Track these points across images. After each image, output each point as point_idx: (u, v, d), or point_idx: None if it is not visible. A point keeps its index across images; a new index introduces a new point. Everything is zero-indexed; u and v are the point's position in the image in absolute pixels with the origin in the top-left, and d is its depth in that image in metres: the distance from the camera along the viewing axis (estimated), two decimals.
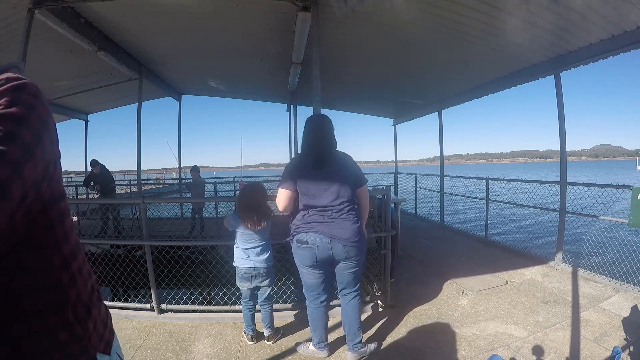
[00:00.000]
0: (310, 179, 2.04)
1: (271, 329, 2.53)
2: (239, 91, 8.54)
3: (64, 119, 9.08)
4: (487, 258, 4.54)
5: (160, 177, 28.53)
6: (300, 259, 2.14)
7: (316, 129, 2.16)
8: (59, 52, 4.75)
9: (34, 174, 0.52)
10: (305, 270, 2.16)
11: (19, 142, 0.49)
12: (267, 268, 2.42)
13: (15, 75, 0.55)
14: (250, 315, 2.50)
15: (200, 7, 3.78)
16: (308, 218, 2.07)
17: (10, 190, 0.46)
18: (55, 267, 0.60)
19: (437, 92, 6.67)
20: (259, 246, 2.41)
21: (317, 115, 2.47)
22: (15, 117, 0.50)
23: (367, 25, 3.83)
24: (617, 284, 3.39)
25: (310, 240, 2.05)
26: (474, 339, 2.52)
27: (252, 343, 2.50)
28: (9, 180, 0.46)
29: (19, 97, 0.52)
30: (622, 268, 3.54)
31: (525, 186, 5.39)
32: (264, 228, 2.41)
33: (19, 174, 0.48)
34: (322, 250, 2.04)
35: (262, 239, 2.42)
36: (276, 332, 2.58)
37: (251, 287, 2.43)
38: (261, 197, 2.45)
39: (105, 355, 0.69)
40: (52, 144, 0.57)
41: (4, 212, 0.46)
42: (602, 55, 3.46)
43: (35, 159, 0.52)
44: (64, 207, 0.64)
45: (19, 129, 0.50)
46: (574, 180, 4.21)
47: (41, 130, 0.54)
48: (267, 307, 2.50)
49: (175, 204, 8.52)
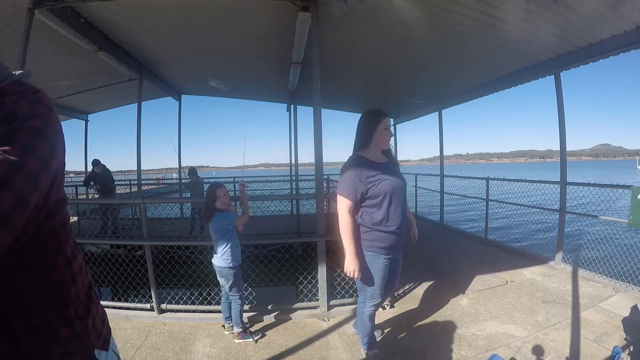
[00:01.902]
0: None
1: (237, 327, 2.57)
2: (239, 91, 8.54)
3: (64, 119, 9.06)
4: (487, 258, 4.54)
5: (160, 177, 28.54)
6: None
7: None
8: (59, 52, 4.74)
9: (47, 185, 0.55)
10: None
11: (36, 154, 0.52)
12: (227, 268, 2.46)
13: (31, 87, 0.57)
14: (224, 304, 2.66)
15: (200, 7, 3.77)
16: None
17: (28, 200, 0.49)
18: (58, 268, 0.63)
19: (437, 92, 6.67)
20: (219, 244, 2.46)
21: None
22: (33, 130, 0.53)
23: (367, 25, 3.82)
24: (617, 284, 3.39)
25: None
26: (474, 338, 2.52)
27: (226, 332, 2.65)
28: (28, 192, 0.49)
29: (36, 110, 0.55)
30: (622, 268, 3.54)
31: (525, 186, 5.39)
32: (216, 225, 2.45)
33: (37, 186, 0.51)
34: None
35: (217, 236, 2.46)
36: (245, 333, 2.58)
37: (221, 282, 2.55)
38: (208, 197, 2.48)
39: (102, 351, 0.71)
40: (62, 153, 0.60)
41: (21, 220, 0.48)
42: (602, 55, 3.46)
43: (49, 170, 0.55)
44: (66, 211, 0.67)
45: (37, 142, 0.53)
46: (574, 180, 4.21)
47: (55, 141, 0.57)
48: (233, 303, 2.57)
49: (175, 204, 8.53)
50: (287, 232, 6.30)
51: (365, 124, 2.10)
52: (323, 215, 3.08)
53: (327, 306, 3.01)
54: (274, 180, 10.71)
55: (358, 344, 2.49)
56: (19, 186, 0.48)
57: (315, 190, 3.14)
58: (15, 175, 0.47)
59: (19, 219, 0.47)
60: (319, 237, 2.99)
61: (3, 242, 0.45)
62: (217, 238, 2.47)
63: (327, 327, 2.77)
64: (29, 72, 0.62)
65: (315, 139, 3.04)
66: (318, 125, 3.02)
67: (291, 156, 8.55)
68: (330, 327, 2.76)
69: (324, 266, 2.97)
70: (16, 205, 0.47)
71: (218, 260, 2.47)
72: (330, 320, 2.87)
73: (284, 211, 8.67)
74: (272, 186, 10.64)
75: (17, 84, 0.56)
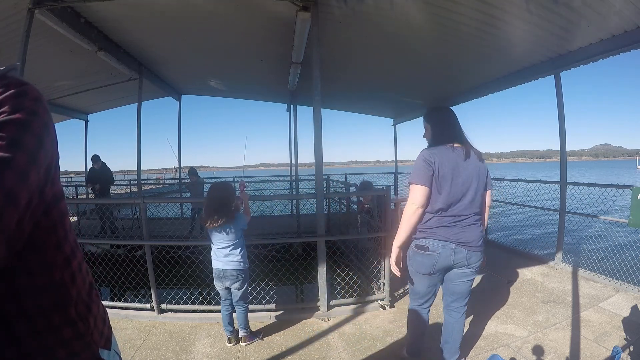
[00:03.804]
0: (454, 175, 1.80)
1: (244, 330, 2.49)
2: (239, 91, 8.54)
3: (64, 119, 9.07)
4: (486, 258, 4.53)
5: (160, 177, 28.53)
6: (416, 267, 1.92)
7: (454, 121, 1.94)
8: (59, 52, 4.74)
9: (37, 179, 0.53)
10: (418, 278, 1.96)
11: (24, 148, 0.50)
12: (237, 270, 2.36)
13: (16, 80, 0.55)
14: (226, 316, 2.49)
15: (200, 7, 3.77)
16: (433, 222, 1.83)
17: (18, 197, 0.47)
18: (57, 267, 0.61)
19: (437, 92, 6.67)
20: (227, 247, 2.35)
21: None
22: (19, 124, 0.51)
23: (367, 25, 3.82)
24: (617, 284, 3.39)
25: (431, 247, 1.83)
26: (474, 339, 2.52)
27: (230, 345, 2.48)
28: (17, 188, 0.47)
29: (22, 103, 0.53)
30: (622, 268, 3.54)
31: (525, 186, 5.39)
32: (229, 229, 2.32)
33: (26, 181, 0.49)
34: (445, 257, 1.82)
35: (229, 240, 2.34)
36: (252, 335, 2.54)
37: (224, 287, 2.42)
38: (221, 196, 2.36)
39: (105, 350, 0.70)
40: (53, 145, 0.58)
41: (14, 218, 0.47)
42: (602, 55, 3.45)
43: (39, 163, 0.53)
44: (64, 206, 0.65)
45: (24, 135, 0.51)
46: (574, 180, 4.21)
47: (43, 134, 0.55)
48: (240, 307, 2.47)
49: (175, 204, 8.53)
50: (287, 232, 6.31)
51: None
52: (323, 215, 3.08)
53: (327, 306, 3.01)
54: (274, 180, 10.71)
55: (358, 344, 2.49)
56: (8, 183, 0.46)
57: (315, 190, 3.14)
58: (5, 171, 0.46)
59: (10, 218, 0.46)
60: (319, 237, 2.99)
61: None
62: (233, 240, 2.34)
63: (327, 327, 2.77)
64: (16, 65, 0.60)
65: (315, 139, 3.05)
66: (318, 125, 3.02)
67: (291, 156, 8.56)
68: (330, 327, 2.76)
69: (324, 266, 2.98)
70: (6, 203, 0.45)
71: (227, 264, 2.34)
72: (330, 320, 2.87)
73: (284, 211, 8.67)
74: (272, 186, 10.64)
75: (2, 77, 0.55)
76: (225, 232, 2.33)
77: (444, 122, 1.95)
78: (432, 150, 1.86)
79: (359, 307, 3.06)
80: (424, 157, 1.83)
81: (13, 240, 0.48)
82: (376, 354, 2.39)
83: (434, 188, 1.80)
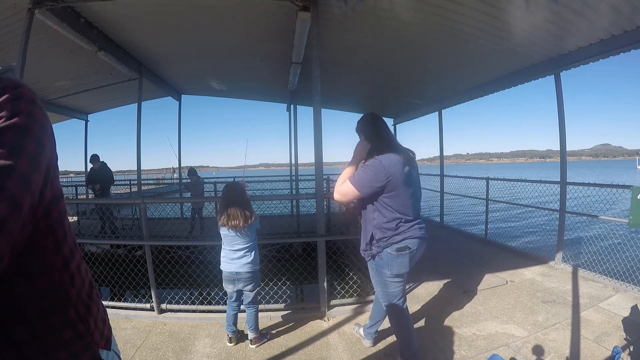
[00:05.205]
0: (405, 182, 1.94)
1: (255, 332, 2.47)
2: (239, 91, 8.54)
3: (64, 119, 9.07)
4: (487, 258, 4.54)
5: (160, 177, 28.53)
6: (397, 269, 1.97)
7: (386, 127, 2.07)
8: (59, 52, 4.74)
9: (39, 183, 0.53)
10: (395, 280, 2.01)
11: (25, 154, 0.50)
12: (250, 272, 2.34)
13: (11, 82, 0.54)
14: (232, 315, 2.46)
15: (200, 7, 3.77)
16: (403, 225, 1.96)
17: (22, 203, 0.47)
18: (56, 269, 0.61)
19: (437, 92, 6.67)
20: (242, 249, 2.33)
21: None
22: (18, 129, 0.50)
23: (366, 25, 3.82)
24: (617, 284, 3.39)
25: (410, 245, 1.95)
26: (474, 338, 2.52)
27: (231, 345, 2.47)
28: (20, 194, 0.47)
29: (19, 107, 0.52)
30: (622, 268, 3.54)
31: (525, 186, 5.39)
32: (247, 230, 2.30)
33: (28, 186, 0.49)
34: (418, 251, 2.01)
35: (245, 242, 2.32)
36: (262, 336, 2.53)
37: (235, 289, 2.40)
38: (241, 197, 2.34)
39: (105, 350, 0.70)
40: (51, 147, 0.58)
41: (18, 224, 0.46)
42: (602, 55, 3.45)
43: (40, 167, 0.53)
44: (62, 206, 0.64)
45: (24, 140, 0.50)
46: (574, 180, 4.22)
47: (42, 136, 0.54)
48: (251, 309, 2.45)
49: (175, 204, 8.53)
50: (287, 232, 6.30)
51: None
52: (323, 215, 3.08)
53: (327, 306, 3.00)
54: (274, 180, 10.71)
55: (358, 344, 2.49)
56: (12, 190, 0.45)
57: (315, 190, 3.14)
58: (7, 178, 0.46)
59: (15, 225, 0.46)
60: (319, 237, 2.99)
61: (0, 250, 0.43)
62: (249, 242, 2.32)
63: (327, 327, 2.77)
64: (12, 67, 0.59)
65: (315, 139, 3.04)
66: (318, 125, 3.02)
67: (291, 156, 8.55)
68: (330, 327, 2.76)
69: (324, 266, 2.97)
70: (11, 210, 0.45)
71: (240, 266, 2.30)
72: (330, 320, 2.87)
73: (284, 211, 8.67)
74: (272, 186, 10.64)
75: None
76: (244, 234, 2.30)
77: (385, 129, 2.10)
78: (388, 160, 1.91)
79: (359, 307, 3.06)
80: (385, 167, 1.87)
81: (17, 245, 0.48)
82: (376, 354, 2.39)
83: (400, 194, 1.92)
